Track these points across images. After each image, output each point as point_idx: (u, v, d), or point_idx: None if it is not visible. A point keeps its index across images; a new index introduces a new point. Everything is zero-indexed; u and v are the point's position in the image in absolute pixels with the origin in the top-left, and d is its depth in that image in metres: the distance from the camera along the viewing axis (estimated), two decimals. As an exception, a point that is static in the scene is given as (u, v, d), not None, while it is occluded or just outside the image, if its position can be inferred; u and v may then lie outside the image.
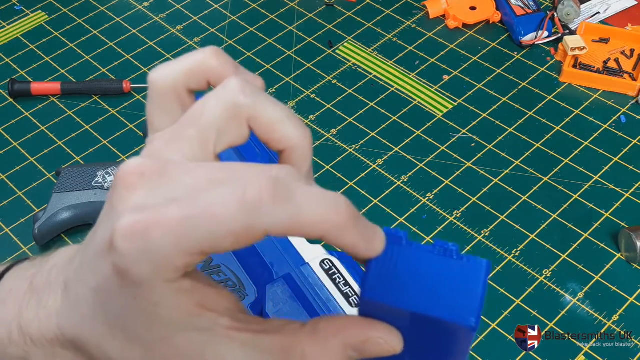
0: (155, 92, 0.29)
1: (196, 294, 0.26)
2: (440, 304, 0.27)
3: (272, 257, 0.67)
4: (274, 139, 0.28)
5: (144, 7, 1.04)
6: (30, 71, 0.95)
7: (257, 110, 0.27)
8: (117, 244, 0.24)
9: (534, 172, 0.82)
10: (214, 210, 0.24)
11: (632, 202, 0.79)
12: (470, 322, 0.26)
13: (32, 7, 1.05)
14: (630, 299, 0.71)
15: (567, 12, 0.96)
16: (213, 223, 0.24)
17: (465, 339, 0.28)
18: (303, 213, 0.24)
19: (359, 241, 0.26)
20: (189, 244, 0.24)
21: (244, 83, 0.28)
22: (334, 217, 0.25)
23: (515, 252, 0.75)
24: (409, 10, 1.02)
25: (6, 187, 0.82)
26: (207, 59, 0.29)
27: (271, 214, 0.24)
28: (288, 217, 0.24)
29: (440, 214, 0.78)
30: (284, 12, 1.03)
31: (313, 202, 0.25)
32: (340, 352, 0.27)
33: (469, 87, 0.92)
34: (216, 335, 0.27)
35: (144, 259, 0.24)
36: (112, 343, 0.27)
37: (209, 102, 0.27)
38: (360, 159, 0.84)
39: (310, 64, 0.95)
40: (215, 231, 0.24)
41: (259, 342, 0.27)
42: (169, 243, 0.24)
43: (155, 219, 0.24)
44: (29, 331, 0.30)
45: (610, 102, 0.89)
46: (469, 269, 0.28)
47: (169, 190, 0.25)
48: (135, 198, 0.25)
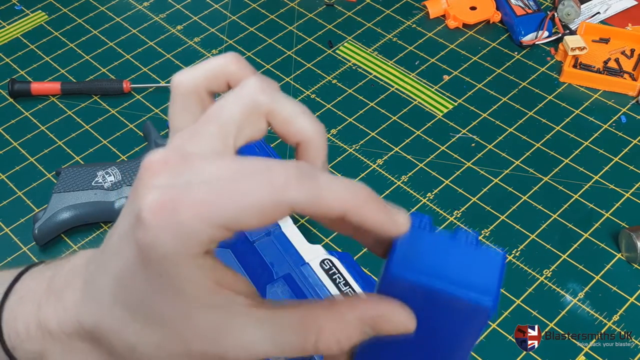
0: (178, 93, 0.30)
1: (216, 272, 0.27)
2: (460, 284, 0.28)
3: (272, 257, 0.67)
4: (290, 132, 0.29)
5: (144, 7, 1.04)
6: (30, 71, 0.95)
7: (275, 106, 0.29)
8: (144, 218, 0.25)
9: (534, 172, 0.82)
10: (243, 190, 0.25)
11: (632, 202, 0.79)
12: (488, 302, 0.28)
13: (32, 7, 1.05)
14: (630, 299, 0.71)
15: (567, 12, 0.96)
16: (241, 201, 0.25)
17: (479, 322, 0.29)
18: (326, 191, 0.26)
19: (383, 218, 0.27)
20: (216, 219, 0.25)
21: (262, 81, 0.29)
22: (354, 195, 0.27)
23: (515, 252, 0.75)
24: (409, 10, 1.02)
25: (6, 187, 0.82)
26: (227, 63, 0.30)
27: (296, 190, 0.25)
28: (312, 194, 0.26)
29: (440, 214, 0.78)
30: (284, 12, 1.03)
31: (334, 183, 0.26)
32: (356, 326, 0.28)
33: (469, 87, 0.92)
34: (234, 312, 0.27)
35: (171, 232, 0.25)
36: (132, 327, 0.28)
37: (229, 100, 0.29)
38: (360, 159, 0.84)
39: (310, 64, 0.95)
40: (243, 208, 0.25)
41: (276, 317, 0.28)
42: (196, 217, 0.25)
43: (184, 195, 0.25)
44: (48, 326, 0.31)
45: (611, 102, 0.89)
46: (487, 257, 0.29)
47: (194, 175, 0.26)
48: (160, 180, 0.26)
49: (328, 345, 0.28)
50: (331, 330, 0.28)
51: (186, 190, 0.25)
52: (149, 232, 0.25)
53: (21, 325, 0.32)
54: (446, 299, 0.28)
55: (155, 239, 0.25)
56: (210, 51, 0.97)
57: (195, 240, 0.25)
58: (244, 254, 0.67)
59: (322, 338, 0.28)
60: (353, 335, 0.28)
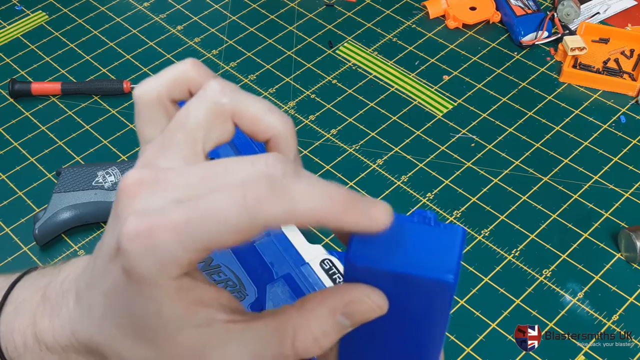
0: (142, 105, 0.31)
1: (196, 291, 0.27)
2: (420, 264, 0.28)
3: (272, 257, 0.67)
4: (258, 130, 0.30)
5: (144, 7, 1.04)
6: (31, 71, 0.95)
7: (240, 106, 0.29)
8: (123, 245, 0.26)
9: (534, 172, 0.82)
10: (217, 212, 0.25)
11: (632, 202, 0.79)
12: (448, 278, 0.28)
13: (32, 7, 1.05)
14: (630, 299, 0.71)
15: (567, 12, 0.96)
16: (216, 223, 0.25)
17: (444, 298, 0.29)
18: (299, 205, 0.26)
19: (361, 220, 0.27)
20: (193, 243, 0.25)
21: (222, 84, 0.29)
22: (328, 205, 0.26)
23: (515, 252, 0.75)
24: (409, 10, 1.02)
25: (6, 187, 0.83)
26: (187, 70, 0.30)
27: (269, 210, 0.25)
28: (285, 210, 0.26)
29: (440, 214, 0.78)
30: (284, 12, 1.03)
31: (307, 194, 0.26)
32: (329, 319, 0.28)
33: (469, 87, 0.92)
34: (214, 329, 0.28)
35: (150, 258, 0.26)
36: (124, 343, 0.28)
37: (192, 106, 0.29)
38: (360, 159, 0.84)
39: (310, 64, 0.95)
40: (218, 230, 0.25)
41: (254, 330, 0.28)
42: (174, 242, 0.25)
43: (160, 221, 0.26)
44: (44, 338, 0.31)
45: (610, 102, 0.89)
46: (446, 234, 0.29)
47: (168, 193, 0.26)
48: (137, 203, 0.26)
49: (306, 346, 0.28)
50: (306, 329, 0.28)
51: (161, 214, 0.26)
52: (129, 259, 0.26)
53: (18, 338, 0.32)
54: (406, 280, 0.29)
55: (134, 265, 0.26)
56: (211, 51, 0.97)
57: (174, 264, 0.26)
58: (244, 254, 0.67)
59: (298, 340, 0.28)
60: (329, 329, 0.28)
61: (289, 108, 0.89)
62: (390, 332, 0.31)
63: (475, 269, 0.73)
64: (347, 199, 0.27)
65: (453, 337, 0.68)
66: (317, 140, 0.86)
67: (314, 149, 0.85)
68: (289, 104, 0.90)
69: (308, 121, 0.88)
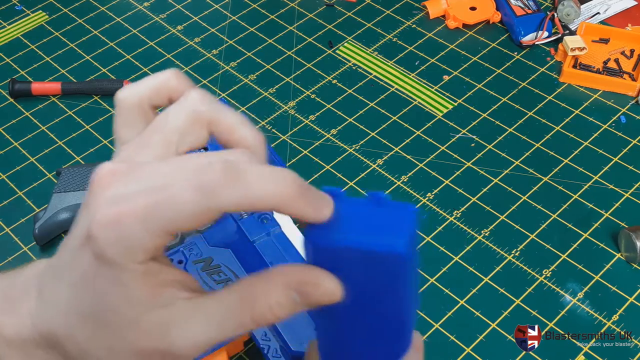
0: (123, 108, 0.32)
1: (161, 274, 0.29)
2: (373, 239, 0.30)
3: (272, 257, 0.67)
4: (232, 139, 0.32)
5: (144, 7, 1.04)
6: (31, 71, 0.95)
7: (217, 115, 0.31)
8: (94, 232, 0.28)
9: (534, 172, 0.82)
10: (175, 197, 0.27)
11: (632, 202, 0.79)
12: (399, 250, 0.29)
13: (32, 7, 1.05)
14: (630, 299, 0.71)
15: (567, 13, 0.96)
16: (175, 208, 0.27)
17: (400, 270, 0.30)
18: (253, 191, 0.28)
19: (308, 210, 0.29)
20: (155, 227, 0.27)
21: (202, 93, 0.32)
22: (281, 191, 0.28)
23: (515, 252, 0.75)
24: (409, 10, 1.02)
25: (6, 187, 0.83)
26: (169, 79, 0.33)
27: (224, 194, 0.27)
28: (240, 195, 0.28)
29: (440, 214, 0.78)
30: (284, 12, 1.03)
31: (262, 179, 0.28)
32: (283, 291, 0.30)
33: (469, 87, 0.92)
34: (178, 307, 0.29)
35: (118, 243, 0.28)
36: (84, 333, 0.30)
37: (172, 111, 0.31)
38: (360, 159, 0.84)
39: (310, 64, 0.95)
40: (176, 214, 0.27)
41: (216, 301, 0.30)
42: (139, 227, 0.27)
43: (126, 207, 0.28)
44: (4, 333, 0.32)
45: (610, 102, 0.89)
46: (398, 212, 0.31)
47: (137, 184, 0.28)
48: (108, 193, 0.28)
49: (262, 313, 0.29)
50: (264, 298, 0.29)
51: (129, 202, 0.28)
52: (99, 244, 0.28)
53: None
54: (362, 256, 0.30)
55: (105, 250, 0.28)
56: (211, 51, 0.97)
57: (140, 249, 0.28)
58: (244, 254, 0.67)
59: (256, 307, 0.29)
60: (283, 302, 0.29)
61: (289, 108, 0.89)
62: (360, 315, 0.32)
63: (475, 269, 0.73)
64: (299, 188, 0.28)
65: (453, 337, 0.68)
66: (317, 140, 0.86)
67: (314, 149, 0.85)
68: (289, 104, 0.90)
69: (308, 121, 0.88)
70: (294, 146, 0.85)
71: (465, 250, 0.75)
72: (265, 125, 0.87)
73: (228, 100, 0.90)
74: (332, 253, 0.30)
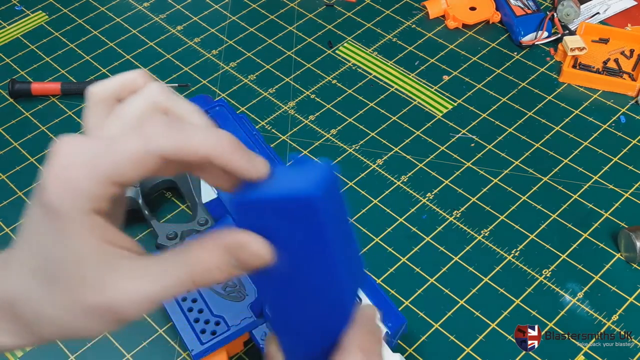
0: (92, 101, 0.35)
1: (107, 231, 0.31)
2: (285, 189, 0.32)
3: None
4: None
5: (144, 7, 1.04)
6: (31, 71, 0.96)
7: (171, 104, 0.34)
8: (44, 183, 0.30)
9: (533, 172, 0.82)
10: (118, 145, 0.30)
11: (632, 202, 0.79)
12: (312, 191, 0.31)
13: (32, 7, 1.05)
14: (629, 299, 0.71)
15: (567, 13, 0.96)
16: (117, 153, 0.30)
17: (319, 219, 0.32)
18: (192, 140, 0.30)
19: (244, 163, 0.32)
20: (100, 174, 0.30)
21: (162, 86, 0.35)
22: (218, 143, 0.31)
23: (515, 252, 0.75)
24: (408, 10, 1.02)
25: (6, 187, 0.83)
26: (135, 78, 0.35)
27: (163, 140, 0.30)
28: (178, 143, 0.30)
29: (440, 214, 0.78)
30: (284, 12, 1.03)
31: (201, 132, 0.31)
32: (218, 253, 0.32)
33: (468, 88, 0.92)
34: (120, 265, 0.31)
35: (65, 191, 0.30)
36: (37, 293, 0.31)
37: (132, 100, 0.34)
38: (360, 159, 0.84)
39: (310, 64, 0.95)
40: (120, 161, 0.30)
41: (158, 261, 0.32)
42: (84, 174, 0.30)
43: (75, 158, 0.30)
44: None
45: (610, 102, 0.89)
46: (314, 168, 0.33)
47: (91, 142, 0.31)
48: (61, 153, 0.31)
49: (202, 275, 0.31)
50: (202, 260, 0.32)
51: (77, 155, 0.30)
52: (47, 193, 0.30)
53: None
54: (276, 206, 0.32)
55: (52, 199, 0.30)
56: (210, 51, 0.97)
57: (85, 196, 0.30)
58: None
59: (196, 268, 0.31)
60: (220, 263, 0.32)
61: (288, 108, 0.89)
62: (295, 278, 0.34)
63: (475, 269, 0.73)
64: (236, 144, 0.31)
65: (453, 337, 0.68)
66: (317, 140, 0.86)
67: (314, 149, 0.85)
68: (289, 104, 0.90)
69: (308, 121, 0.88)
70: (294, 146, 0.85)
71: (465, 250, 0.75)
72: (265, 125, 0.87)
73: (228, 100, 0.90)
74: (251, 210, 0.32)
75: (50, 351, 0.68)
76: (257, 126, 0.87)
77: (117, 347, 0.68)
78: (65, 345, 0.68)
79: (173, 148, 0.30)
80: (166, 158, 0.30)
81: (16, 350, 0.68)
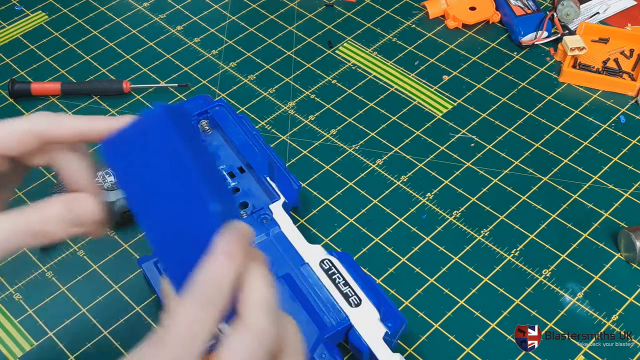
0: None
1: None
2: (132, 124, 0.39)
3: (272, 257, 0.67)
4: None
5: (144, 7, 1.04)
6: (30, 71, 0.96)
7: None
8: None
9: (533, 172, 0.82)
10: (8, 123, 0.40)
11: (632, 202, 0.79)
12: (155, 109, 0.37)
13: (32, 7, 1.05)
14: (629, 299, 0.71)
15: (567, 12, 0.96)
16: (3, 129, 0.40)
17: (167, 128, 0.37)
18: (62, 121, 0.42)
19: (104, 125, 0.41)
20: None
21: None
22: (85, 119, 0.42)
23: (514, 252, 0.75)
24: (408, 10, 1.02)
25: (6, 187, 0.82)
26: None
27: (41, 119, 0.41)
28: (52, 121, 0.41)
29: (439, 214, 0.78)
30: (284, 12, 1.03)
31: (70, 116, 0.42)
32: (56, 204, 0.40)
33: (468, 87, 0.92)
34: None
35: None
36: None
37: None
38: (360, 159, 0.84)
39: (310, 64, 0.95)
40: (3, 134, 0.40)
41: (9, 215, 0.39)
42: None
43: None
44: None
45: (610, 102, 0.89)
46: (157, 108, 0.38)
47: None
48: None
49: (39, 223, 0.39)
50: (40, 209, 0.39)
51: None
52: None
53: None
54: (132, 132, 0.38)
55: None
56: (210, 51, 0.97)
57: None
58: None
59: (32, 217, 0.39)
60: (56, 213, 0.39)
61: (288, 108, 0.89)
62: (165, 196, 0.37)
63: (475, 269, 0.73)
64: (78, 117, 0.42)
65: (453, 337, 0.68)
66: (317, 140, 0.86)
67: (313, 149, 0.85)
68: (288, 104, 0.90)
69: (308, 121, 0.88)
70: (294, 146, 0.85)
71: (464, 250, 0.75)
72: (265, 125, 0.87)
73: (228, 100, 0.90)
74: (111, 146, 0.39)
75: (50, 351, 0.68)
76: (257, 126, 0.87)
77: (117, 347, 0.68)
78: (65, 345, 0.68)
79: (47, 125, 0.40)
80: (41, 134, 0.40)
81: (16, 351, 0.68)
